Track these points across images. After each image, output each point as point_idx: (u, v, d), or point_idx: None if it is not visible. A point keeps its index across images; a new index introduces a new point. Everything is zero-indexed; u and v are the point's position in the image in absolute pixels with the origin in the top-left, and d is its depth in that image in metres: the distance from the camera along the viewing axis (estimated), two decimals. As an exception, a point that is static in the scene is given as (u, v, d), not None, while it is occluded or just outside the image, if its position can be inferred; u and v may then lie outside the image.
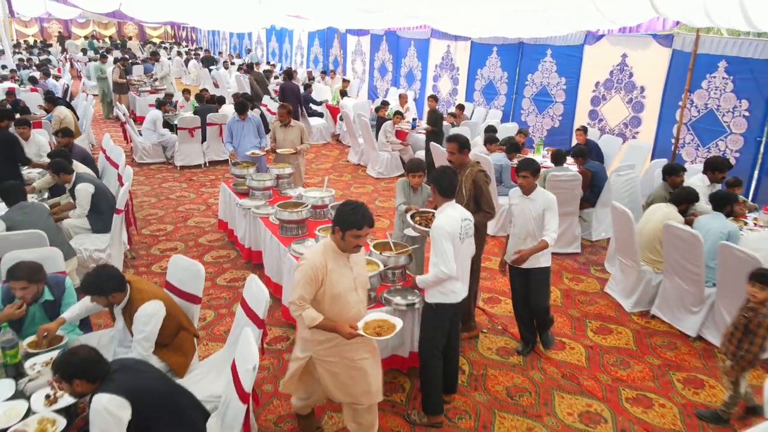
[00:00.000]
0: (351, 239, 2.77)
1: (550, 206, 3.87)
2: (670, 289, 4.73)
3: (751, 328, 3.37)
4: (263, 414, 3.64)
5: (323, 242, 2.92)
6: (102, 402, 2.35)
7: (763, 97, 6.32)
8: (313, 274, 2.77)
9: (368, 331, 2.81)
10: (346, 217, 2.75)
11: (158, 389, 2.56)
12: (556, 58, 8.91)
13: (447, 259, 3.13)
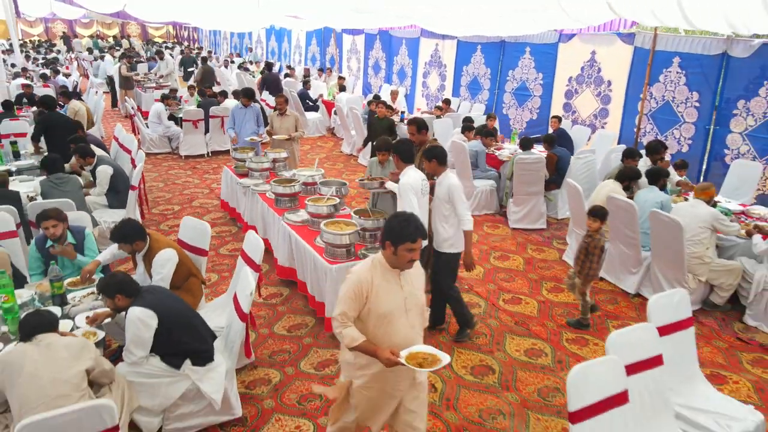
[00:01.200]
0: (404, 253, 2.57)
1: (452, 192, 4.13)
2: (614, 254, 5.44)
3: (590, 251, 4.47)
4: (259, 350, 4.34)
5: (372, 257, 2.72)
6: (135, 313, 3.05)
7: (710, 90, 7.01)
8: (357, 289, 2.58)
9: (411, 362, 2.51)
10: (398, 230, 2.56)
11: (178, 308, 3.27)
12: (534, 55, 9.61)
13: (413, 207, 3.84)
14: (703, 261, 4.82)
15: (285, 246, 5.16)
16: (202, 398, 3.33)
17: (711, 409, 3.04)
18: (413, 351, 2.58)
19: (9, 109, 8.62)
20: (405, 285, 2.67)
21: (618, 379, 2.63)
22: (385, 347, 2.53)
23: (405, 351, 2.55)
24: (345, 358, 2.77)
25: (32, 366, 2.60)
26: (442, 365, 2.53)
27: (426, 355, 2.58)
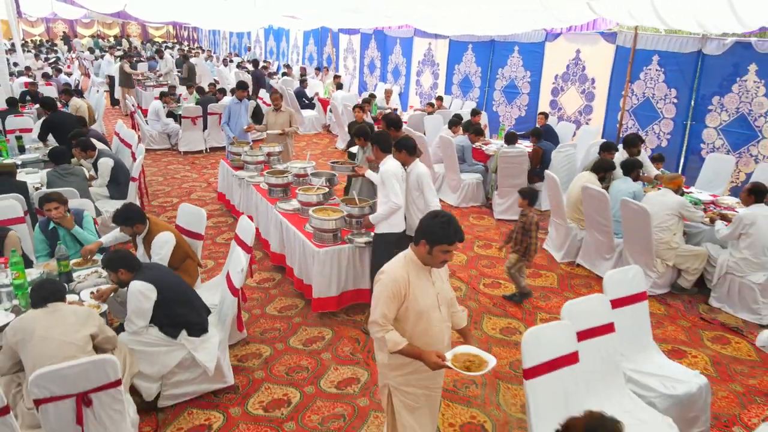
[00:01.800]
0: (439, 254, 2.54)
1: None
2: (590, 241, 5.74)
3: (526, 228, 4.93)
4: (252, 328, 4.63)
5: (404, 254, 2.67)
6: (137, 286, 3.35)
7: (687, 86, 7.31)
8: (395, 288, 2.53)
9: (457, 365, 2.51)
10: (437, 231, 2.52)
11: (175, 283, 3.57)
12: (522, 54, 9.90)
13: (397, 193, 4.13)
14: (671, 246, 5.12)
15: (277, 233, 5.46)
16: (197, 367, 3.62)
17: (659, 373, 3.34)
18: (458, 352, 2.57)
19: (13, 106, 8.91)
20: (436, 281, 2.67)
21: (569, 342, 2.93)
22: (429, 351, 2.51)
23: (449, 353, 2.56)
24: (380, 359, 2.73)
25: (43, 330, 2.89)
26: (489, 369, 2.50)
27: (472, 357, 2.57)
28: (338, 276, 4.67)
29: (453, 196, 7.73)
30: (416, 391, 2.70)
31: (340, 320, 4.78)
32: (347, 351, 4.35)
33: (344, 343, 4.44)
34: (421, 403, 2.73)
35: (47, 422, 2.64)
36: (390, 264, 2.65)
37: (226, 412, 3.65)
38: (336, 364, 4.19)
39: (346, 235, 4.80)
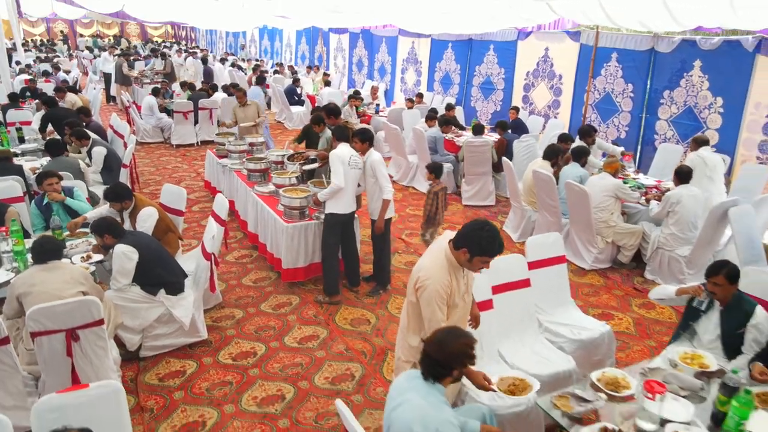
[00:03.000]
0: (478, 263, 2.70)
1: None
2: (541, 222, 6.26)
3: (430, 197, 5.60)
4: (228, 296, 5.16)
5: (443, 257, 2.77)
6: (121, 248, 3.87)
7: (642, 81, 7.84)
8: (444, 293, 2.72)
9: (503, 388, 2.72)
10: (483, 244, 2.64)
11: (155, 247, 4.10)
12: (497, 52, 10.43)
13: (338, 174, 4.64)
14: (609, 225, 5.64)
15: (254, 213, 5.99)
16: (174, 322, 4.16)
17: (571, 323, 3.86)
18: (503, 376, 2.82)
19: (14, 100, 9.45)
20: (462, 274, 2.85)
21: (484, 292, 3.46)
22: (477, 371, 2.62)
23: (496, 376, 2.76)
24: (409, 341, 2.93)
25: (42, 284, 3.39)
26: (534, 391, 2.72)
27: (517, 381, 2.81)
28: (305, 249, 5.20)
29: (425, 184, 8.21)
30: None
31: (307, 289, 5.30)
32: (311, 314, 4.88)
33: (309, 308, 4.97)
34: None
35: (41, 353, 3.17)
36: (433, 268, 2.75)
37: (199, 361, 4.18)
38: (300, 324, 4.72)
39: (314, 213, 5.32)
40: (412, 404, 2.28)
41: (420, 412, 2.23)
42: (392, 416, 2.35)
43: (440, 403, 2.30)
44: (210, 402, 3.75)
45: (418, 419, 2.21)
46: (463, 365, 2.37)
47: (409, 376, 2.46)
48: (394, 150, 8.79)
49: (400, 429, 2.27)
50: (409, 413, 2.26)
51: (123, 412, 2.44)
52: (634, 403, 2.70)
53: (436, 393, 2.32)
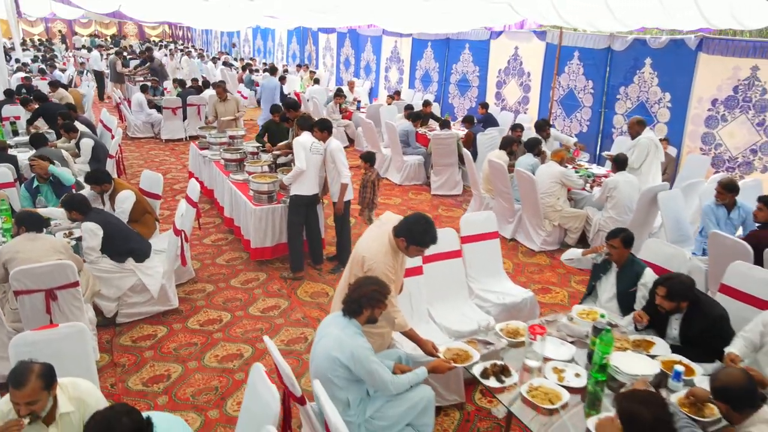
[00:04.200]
0: (414, 251, 3.12)
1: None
2: (497, 208, 6.71)
3: (365, 184, 6.02)
4: (201, 273, 5.62)
5: (387, 242, 3.13)
6: (88, 225, 4.32)
7: (601, 78, 8.30)
8: (392, 275, 3.09)
9: (447, 356, 3.04)
10: (418, 236, 3.04)
11: (115, 222, 4.55)
12: (472, 51, 10.90)
13: (300, 158, 5.10)
14: (555, 209, 6.10)
15: (229, 199, 6.46)
16: (147, 292, 4.62)
17: (499, 290, 4.33)
18: (450, 347, 3.10)
19: (10, 96, 9.92)
20: (400, 255, 3.23)
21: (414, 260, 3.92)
22: (426, 339, 3.11)
23: (443, 346, 3.10)
24: None
25: (24, 252, 3.85)
26: (474, 361, 2.96)
27: (461, 351, 3.07)
28: (272, 230, 5.67)
29: (397, 176, 8.73)
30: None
31: (274, 267, 5.77)
32: (276, 288, 5.35)
33: (274, 283, 5.44)
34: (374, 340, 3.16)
35: (24, 311, 3.63)
36: (380, 253, 3.10)
37: (170, 327, 4.65)
38: (264, 297, 5.19)
39: (281, 198, 5.78)
40: (331, 335, 2.76)
41: (338, 339, 2.71)
42: (316, 348, 2.83)
43: (355, 334, 2.76)
44: (176, 359, 4.22)
45: (336, 345, 2.69)
46: (372, 307, 2.83)
47: (333, 316, 2.94)
48: (370, 143, 9.26)
49: (322, 356, 2.74)
50: (329, 342, 2.74)
51: (87, 348, 2.90)
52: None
53: (352, 326, 2.79)
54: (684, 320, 3.25)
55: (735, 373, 2.30)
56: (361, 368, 2.70)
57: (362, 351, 2.70)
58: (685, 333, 3.25)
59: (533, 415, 2.64)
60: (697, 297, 3.24)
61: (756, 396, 2.22)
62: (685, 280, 3.21)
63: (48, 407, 2.25)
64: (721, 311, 3.24)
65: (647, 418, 1.96)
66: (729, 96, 6.61)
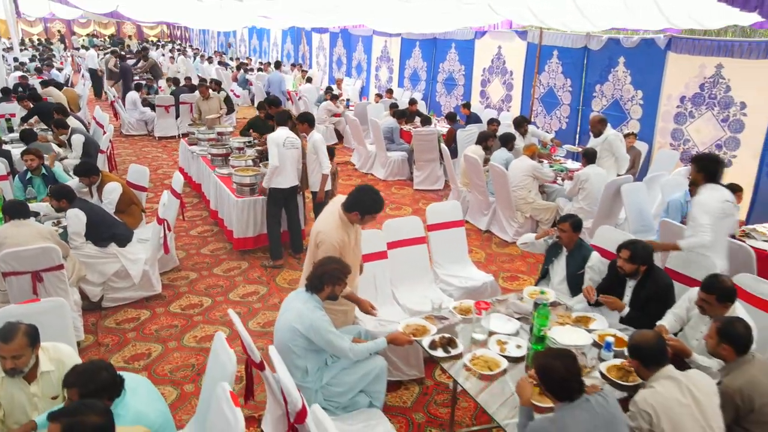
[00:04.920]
0: (368, 220, 3.42)
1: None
2: (473, 201, 6.98)
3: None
4: (185, 262, 5.87)
5: (337, 218, 3.40)
6: (73, 212, 4.56)
7: (578, 77, 8.55)
8: (337, 246, 3.31)
9: (407, 330, 3.25)
10: (369, 206, 3.33)
11: (98, 210, 4.80)
12: (458, 50, 11.15)
13: (273, 155, 5.33)
14: (527, 201, 6.35)
15: (214, 192, 6.71)
16: (131, 277, 4.87)
17: (463, 275, 4.58)
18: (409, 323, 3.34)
19: (6, 94, 10.17)
20: (356, 229, 3.53)
21: (379, 245, 4.17)
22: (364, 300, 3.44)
23: (403, 322, 3.35)
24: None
25: (12, 237, 4.10)
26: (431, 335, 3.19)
27: (420, 327, 3.29)
28: (254, 221, 5.93)
29: (382, 171, 8.98)
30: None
31: (256, 256, 6.02)
32: (256, 276, 5.60)
33: (255, 271, 5.70)
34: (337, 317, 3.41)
35: (12, 291, 3.88)
36: (327, 226, 3.38)
37: (153, 311, 4.90)
38: (245, 284, 5.44)
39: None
40: (293, 309, 3.01)
41: (299, 312, 2.97)
42: (280, 321, 3.08)
43: (315, 308, 3.01)
44: (157, 340, 4.47)
45: (297, 317, 2.95)
46: (333, 284, 3.08)
47: (296, 292, 3.19)
48: (356, 140, 9.51)
49: (284, 328, 2.99)
50: (291, 315, 2.99)
51: (67, 322, 3.15)
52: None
53: (313, 301, 3.04)
54: (636, 287, 3.52)
55: (648, 335, 2.55)
56: (320, 338, 2.95)
57: (321, 323, 2.95)
58: (636, 299, 3.50)
59: (473, 379, 2.89)
60: (652, 264, 3.51)
61: (663, 356, 2.47)
62: (646, 245, 3.50)
63: (30, 364, 2.51)
64: (669, 281, 3.53)
65: (560, 369, 2.21)
66: (696, 93, 6.86)
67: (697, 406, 2.27)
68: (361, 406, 3.09)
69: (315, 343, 2.97)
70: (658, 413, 2.26)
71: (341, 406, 3.06)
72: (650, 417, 2.26)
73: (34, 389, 2.59)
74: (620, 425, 2.18)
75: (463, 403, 3.72)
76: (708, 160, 3.93)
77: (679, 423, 2.23)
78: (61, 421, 1.84)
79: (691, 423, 2.23)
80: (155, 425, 2.35)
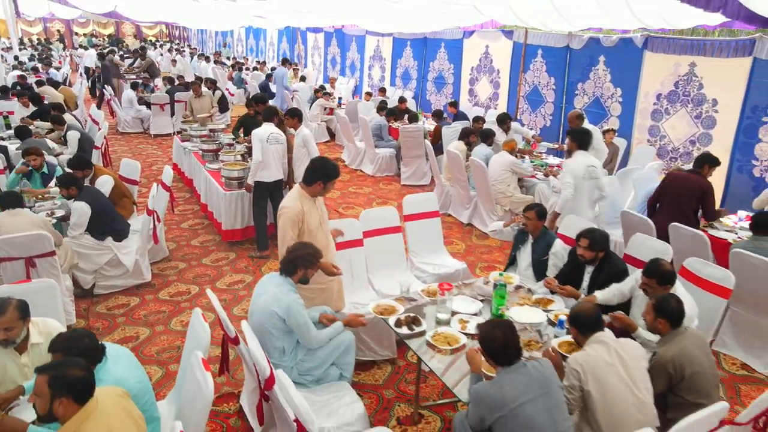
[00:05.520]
0: (331, 186, 3.66)
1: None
2: (455, 195, 7.20)
3: None
4: (175, 253, 6.10)
5: (297, 193, 3.64)
6: (79, 204, 4.79)
7: (561, 75, 8.77)
8: (294, 218, 3.53)
9: (375, 311, 3.50)
10: (330, 172, 3.58)
11: (102, 200, 5.03)
12: (447, 49, 11.37)
13: (257, 150, 5.55)
14: (506, 195, 6.57)
15: (204, 186, 6.94)
16: (122, 266, 5.10)
17: (437, 263, 4.80)
18: (380, 302, 3.58)
19: (5, 92, 10.41)
20: (319, 207, 3.73)
21: (356, 233, 4.39)
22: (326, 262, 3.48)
23: (374, 302, 3.61)
24: None
25: (6, 226, 4.32)
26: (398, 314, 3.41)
27: (388, 306, 3.54)
28: (242, 213, 6.15)
29: (370, 167, 9.20)
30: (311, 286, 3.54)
31: (244, 247, 6.24)
32: (243, 266, 5.83)
33: (242, 261, 5.92)
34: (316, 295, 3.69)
35: (6, 276, 4.10)
36: (288, 201, 3.64)
37: (142, 297, 5.13)
38: (232, 273, 5.67)
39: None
40: (269, 292, 3.23)
41: (275, 296, 3.18)
42: (256, 303, 3.30)
43: (289, 291, 3.23)
44: (145, 324, 4.70)
45: (274, 301, 3.16)
46: (306, 267, 3.30)
47: (270, 276, 3.41)
48: (345, 137, 9.74)
49: (260, 310, 3.21)
50: (267, 298, 3.21)
51: (57, 302, 3.37)
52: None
53: (287, 284, 3.26)
54: (594, 272, 3.75)
55: (586, 306, 2.78)
56: (294, 321, 3.17)
57: (296, 306, 3.17)
58: (593, 283, 3.73)
59: (433, 354, 3.12)
60: (609, 250, 3.74)
61: (597, 324, 2.70)
62: (603, 233, 3.74)
63: (22, 336, 2.73)
64: (624, 267, 3.76)
65: (499, 337, 2.43)
66: (671, 91, 7.08)
67: (623, 366, 2.50)
68: (332, 379, 3.31)
69: (289, 325, 3.20)
70: (585, 371, 2.49)
71: (314, 379, 3.29)
72: (578, 374, 2.50)
73: (25, 360, 2.81)
74: (552, 385, 2.41)
75: (431, 381, 3.95)
76: (579, 132, 5.13)
77: (604, 380, 2.46)
78: (48, 372, 2.07)
79: (616, 380, 2.47)
80: (134, 390, 2.57)
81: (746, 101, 6.22)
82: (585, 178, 4.91)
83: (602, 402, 2.47)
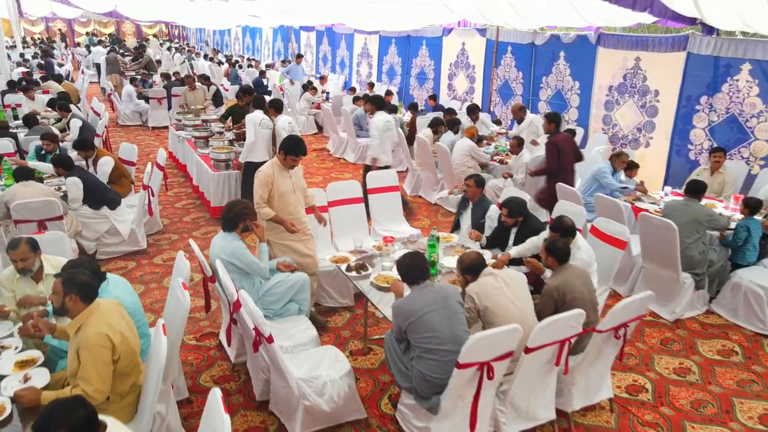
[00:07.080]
0: (290, 161, 4.22)
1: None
2: (425, 178, 7.89)
3: None
4: (169, 227, 6.80)
5: (272, 161, 4.33)
6: (73, 179, 5.48)
7: (528, 70, 9.46)
8: (265, 179, 4.13)
9: (332, 260, 4.27)
10: (291, 147, 4.19)
11: (93, 179, 5.72)
12: (428, 47, 12.07)
13: (250, 132, 6.24)
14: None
15: (196, 170, 7.64)
16: (120, 235, 5.80)
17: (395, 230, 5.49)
18: (384, 273, 3.99)
19: (12, 87, 11.13)
20: (293, 176, 4.34)
21: (321, 201, 5.09)
22: (287, 219, 4.21)
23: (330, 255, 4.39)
24: (265, 226, 4.26)
25: (20, 194, 5.02)
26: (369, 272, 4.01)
27: (338, 257, 4.28)
28: (229, 191, 6.86)
29: (352, 155, 9.90)
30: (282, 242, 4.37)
31: (230, 223, 6.94)
32: (228, 237, 6.52)
33: (228, 234, 6.62)
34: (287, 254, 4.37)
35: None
36: (264, 167, 4.30)
37: (138, 262, 5.83)
38: (218, 243, 6.36)
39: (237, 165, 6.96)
40: (217, 246, 3.89)
41: (221, 247, 3.86)
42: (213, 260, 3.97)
43: (233, 240, 3.90)
44: (140, 282, 5.41)
45: (220, 250, 3.83)
46: (244, 220, 3.97)
47: (218, 235, 4.05)
48: (330, 128, 10.42)
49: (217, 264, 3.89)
50: (215, 249, 3.88)
51: (65, 249, 4.07)
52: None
53: (230, 237, 3.94)
54: (517, 232, 4.44)
55: (470, 254, 3.45)
56: (241, 261, 3.84)
57: (239, 249, 3.85)
58: (517, 239, 4.41)
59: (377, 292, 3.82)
60: (528, 214, 4.43)
61: (480, 267, 3.34)
62: (519, 201, 4.43)
63: (36, 266, 3.42)
64: (541, 226, 4.42)
65: (408, 262, 3.14)
66: (620, 83, 7.77)
67: (507, 288, 3.21)
68: (292, 313, 4.02)
69: (240, 267, 3.87)
70: (479, 294, 3.19)
71: (277, 312, 3.99)
72: (473, 299, 3.19)
73: (41, 287, 3.51)
74: (452, 300, 3.10)
75: (383, 325, 4.64)
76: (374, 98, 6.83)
77: (494, 299, 3.16)
78: (62, 275, 2.76)
79: (502, 298, 3.17)
80: (129, 309, 3.26)
81: (682, 91, 6.91)
82: (384, 130, 6.52)
83: (494, 312, 3.17)
